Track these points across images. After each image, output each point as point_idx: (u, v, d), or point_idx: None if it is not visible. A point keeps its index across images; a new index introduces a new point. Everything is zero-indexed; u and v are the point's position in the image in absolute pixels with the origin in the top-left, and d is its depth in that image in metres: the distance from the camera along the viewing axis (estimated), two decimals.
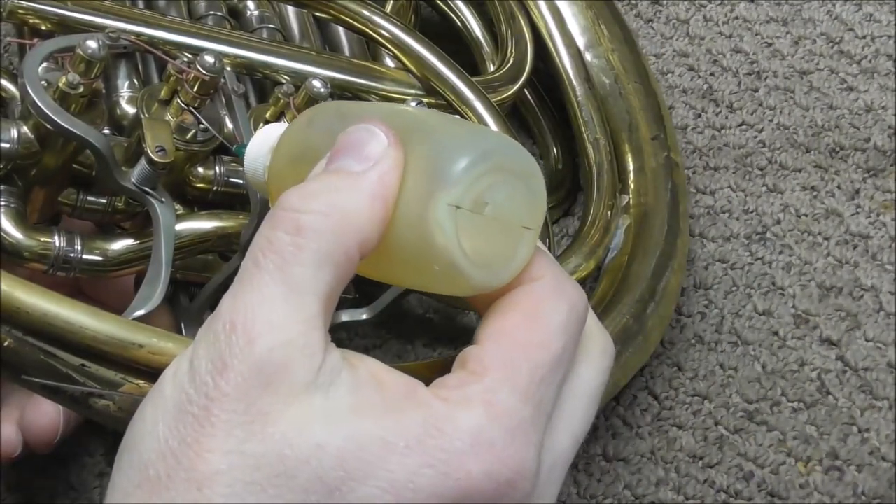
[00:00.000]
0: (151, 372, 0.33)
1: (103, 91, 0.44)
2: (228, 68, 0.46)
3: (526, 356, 0.30)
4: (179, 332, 0.43)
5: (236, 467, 0.27)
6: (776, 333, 0.54)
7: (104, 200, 0.43)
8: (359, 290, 0.46)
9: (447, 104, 0.50)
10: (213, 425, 0.28)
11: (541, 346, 0.31)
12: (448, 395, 0.29)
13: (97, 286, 0.46)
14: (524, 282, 0.32)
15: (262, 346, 0.28)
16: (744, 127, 0.63)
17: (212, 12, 0.51)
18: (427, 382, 0.30)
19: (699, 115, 0.63)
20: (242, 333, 0.28)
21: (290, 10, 0.55)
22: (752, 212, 0.59)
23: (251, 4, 0.54)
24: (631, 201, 0.55)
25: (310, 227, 0.29)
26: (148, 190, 0.40)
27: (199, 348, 0.29)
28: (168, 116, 0.42)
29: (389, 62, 0.53)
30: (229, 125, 0.44)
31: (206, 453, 0.28)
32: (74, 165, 0.42)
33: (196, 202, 0.45)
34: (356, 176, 0.30)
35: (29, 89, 0.39)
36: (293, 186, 0.31)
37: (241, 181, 0.44)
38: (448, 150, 0.30)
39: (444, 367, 0.32)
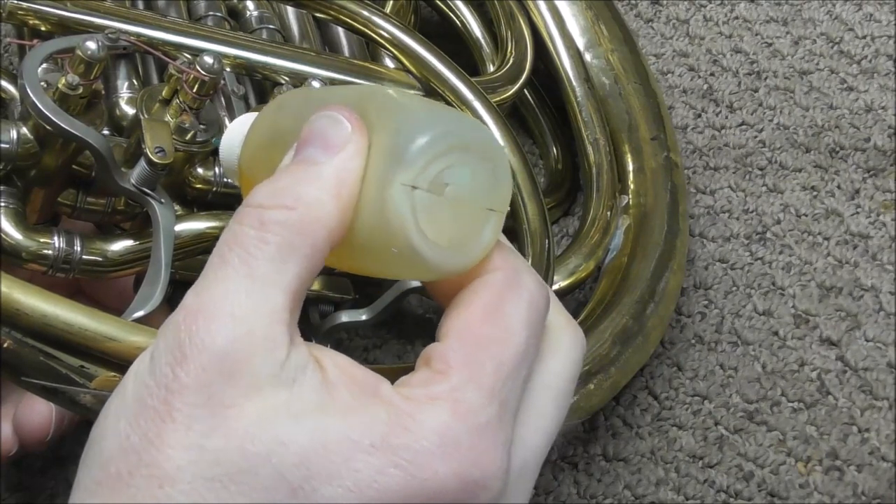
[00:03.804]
0: None
1: (103, 92, 0.44)
2: (228, 69, 0.46)
3: (489, 353, 0.30)
4: None
5: (197, 463, 0.27)
6: (776, 333, 0.54)
7: (104, 201, 0.43)
8: (359, 290, 0.46)
9: (447, 105, 0.50)
10: (174, 419, 0.27)
11: (503, 342, 0.30)
12: (412, 393, 0.29)
13: (97, 286, 0.46)
14: (482, 273, 0.31)
15: (223, 337, 0.28)
16: (744, 127, 0.62)
17: (211, 13, 0.51)
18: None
19: (699, 115, 0.63)
20: (203, 324, 0.28)
21: (290, 11, 0.55)
22: (752, 212, 0.59)
23: (251, 5, 0.53)
24: (630, 202, 0.55)
25: (274, 221, 0.29)
26: (147, 191, 0.40)
27: (160, 341, 0.29)
28: (167, 117, 0.42)
29: (389, 62, 0.53)
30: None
31: (167, 449, 0.27)
32: (74, 166, 0.42)
33: (195, 203, 0.45)
34: (320, 166, 0.30)
35: (28, 90, 0.39)
36: (263, 180, 0.31)
37: None
38: (406, 130, 0.30)
39: (409, 371, 0.31)
